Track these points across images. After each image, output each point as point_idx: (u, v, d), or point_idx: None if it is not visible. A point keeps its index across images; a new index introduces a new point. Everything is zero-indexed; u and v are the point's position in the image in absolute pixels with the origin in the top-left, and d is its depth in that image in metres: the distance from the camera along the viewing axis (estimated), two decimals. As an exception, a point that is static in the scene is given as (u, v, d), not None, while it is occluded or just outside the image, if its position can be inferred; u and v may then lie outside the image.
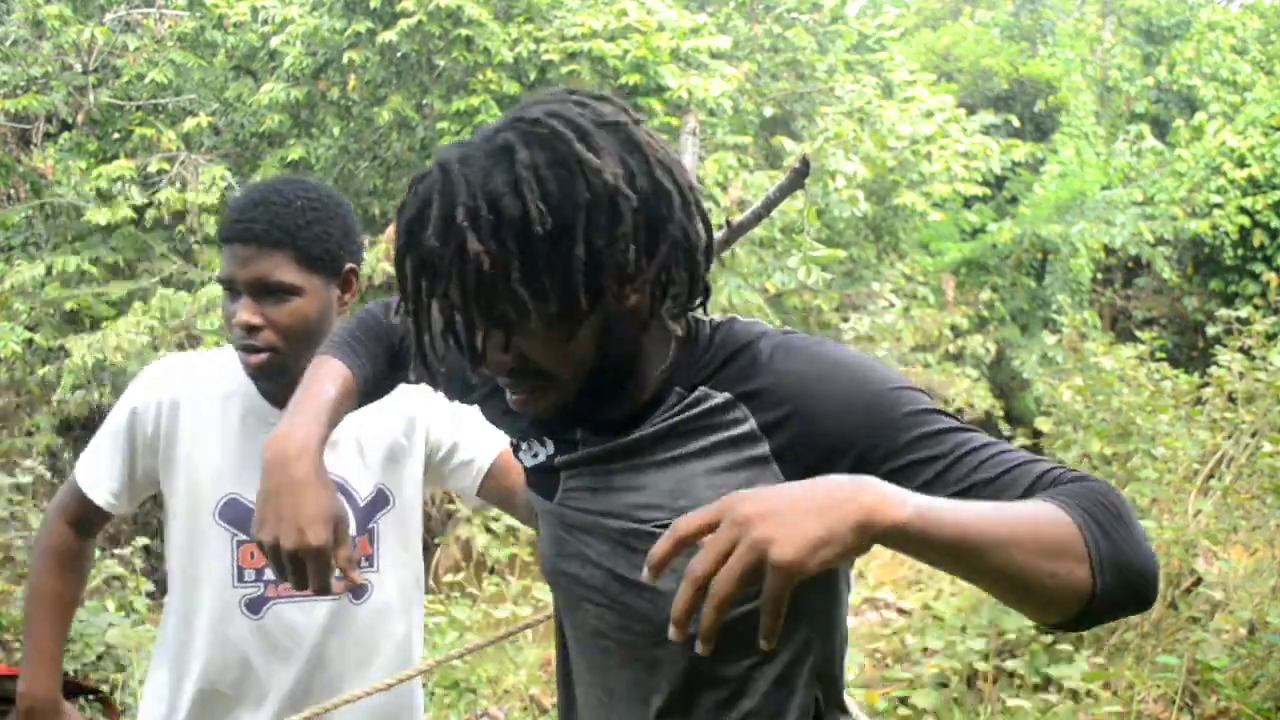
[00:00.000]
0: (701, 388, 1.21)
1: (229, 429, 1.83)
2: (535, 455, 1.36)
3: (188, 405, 1.83)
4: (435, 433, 1.93)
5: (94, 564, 2.14)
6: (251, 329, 1.71)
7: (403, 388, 1.81)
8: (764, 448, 1.17)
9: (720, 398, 1.20)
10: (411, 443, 1.91)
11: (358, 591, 1.87)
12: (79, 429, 8.71)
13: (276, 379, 1.76)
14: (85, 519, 1.90)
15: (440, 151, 1.16)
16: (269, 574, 1.80)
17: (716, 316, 1.28)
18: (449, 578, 5.68)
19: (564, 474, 1.31)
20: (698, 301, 1.22)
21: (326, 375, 1.43)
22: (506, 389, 1.23)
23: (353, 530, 1.83)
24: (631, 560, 1.22)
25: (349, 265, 1.79)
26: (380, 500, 1.89)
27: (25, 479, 4.33)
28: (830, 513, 0.95)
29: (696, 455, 1.20)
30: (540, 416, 1.25)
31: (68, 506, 1.90)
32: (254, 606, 1.83)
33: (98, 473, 1.87)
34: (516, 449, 1.41)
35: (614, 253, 1.11)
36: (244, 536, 1.81)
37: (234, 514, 1.82)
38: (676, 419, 1.21)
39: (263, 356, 1.73)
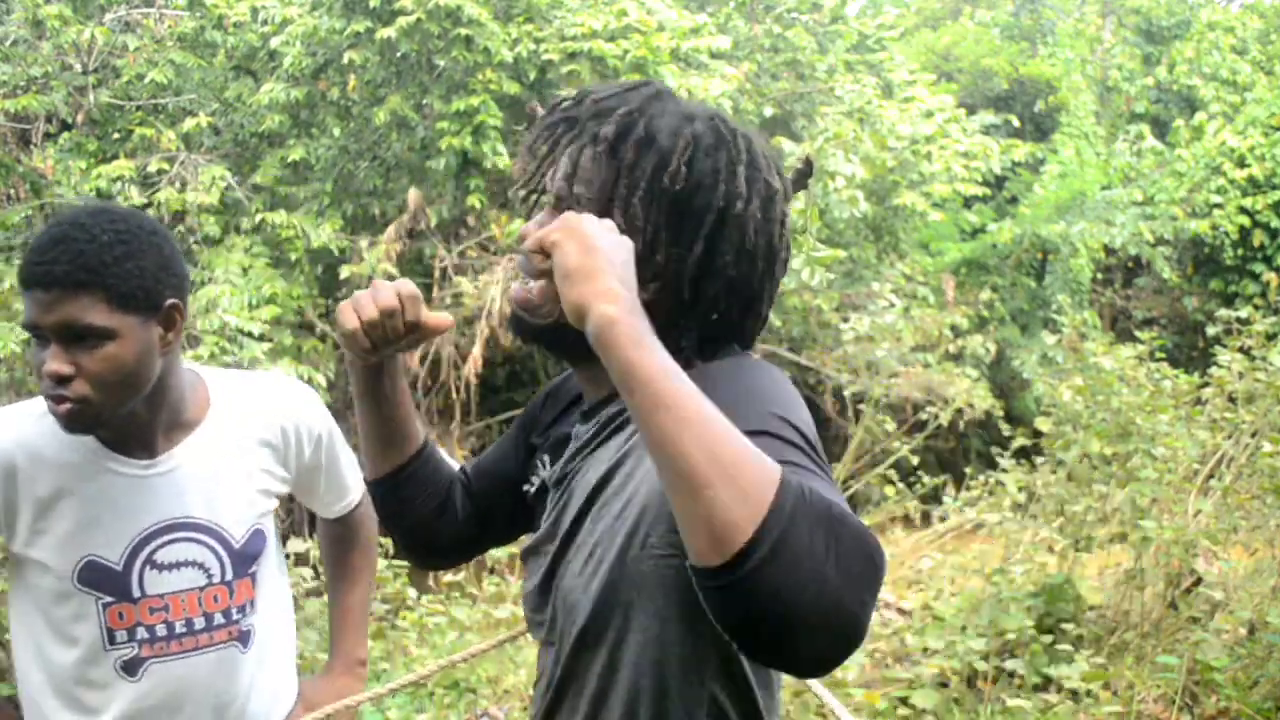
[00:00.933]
0: None
1: (74, 487, 1.67)
2: (532, 483, 1.41)
3: (24, 470, 1.66)
4: (307, 456, 1.86)
5: None
6: (61, 379, 1.55)
7: (264, 410, 1.82)
8: None
9: None
10: (282, 466, 1.83)
11: (244, 640, 1.77)
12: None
13: (90, 429, 1.62)
14: None
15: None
16: (141, 634, 1.70)
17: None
18: (449, 578, 5.68)
19: (550, 491, 1.34)
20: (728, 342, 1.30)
21: None
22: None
23: (230, 576, 1.75)
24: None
25: (170, 300, 1.62)
26: (259, 540, 1.79)
27: (25, 479, 4.33)
28: (590, 282, 1.05)
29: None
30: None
31: None
32: (130, 668, 1.71)
33: None
34: (525, 489, 1.44)
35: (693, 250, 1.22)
36: (108, 598, 1.68)
37: (93, 575, 1.67)
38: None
39: (69, 407, 1.57)
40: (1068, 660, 4.15)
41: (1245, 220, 12.88)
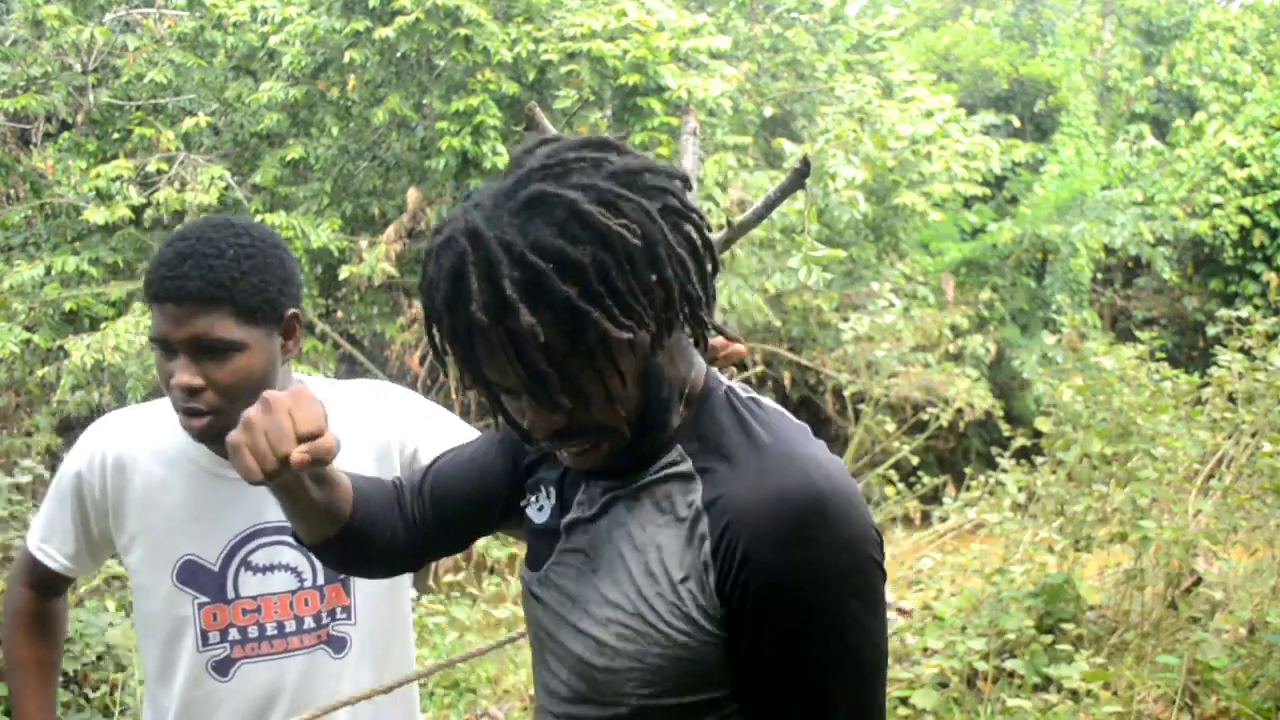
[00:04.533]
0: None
1: (178, 488, 1.73)
2: (541, 509, 1.34)
3: (133, 465, 1.74)
4: (410, 452, 1.83)
5: (67, 619, 2.01)
6: (193, 391, 1.60)
7: (373, 415, 1.79)
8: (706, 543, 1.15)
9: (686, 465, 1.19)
10: (387, 472, 1.79)
11: (336, 645, 1.77)
12: (78, 429, 8.71)
13: (221, 439, 1.56)
14: (46, 582, 1.84)
15: (455, 217, 1.11)
16: (233, 634, 1.74)
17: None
18: (449, 578, 5.68)
19: (563, 536, 1.28)
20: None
21: None
22: (558, 450, 1.19)
23: (321, 581, 1.76)
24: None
25: (290, 311, 1.67)
26: None
27: (25, 479, 4.32)
28: None
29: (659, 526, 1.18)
30: (596, 467, 1.21)
31: (27, 572, 1.83)
32: (221, 669, 1.74)
33: (50, 538, 1.80)
34: (525, 504, 1.38)
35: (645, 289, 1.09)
36: (204, 599, 1.73)
37: (191, 576, 1.73)
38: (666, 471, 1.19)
39: (205, 420, 1.61)
40: (1068, 660, 4.15)
41: (1245, 220, 12.89)
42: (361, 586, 1.79)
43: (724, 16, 11.84)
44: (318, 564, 1.76)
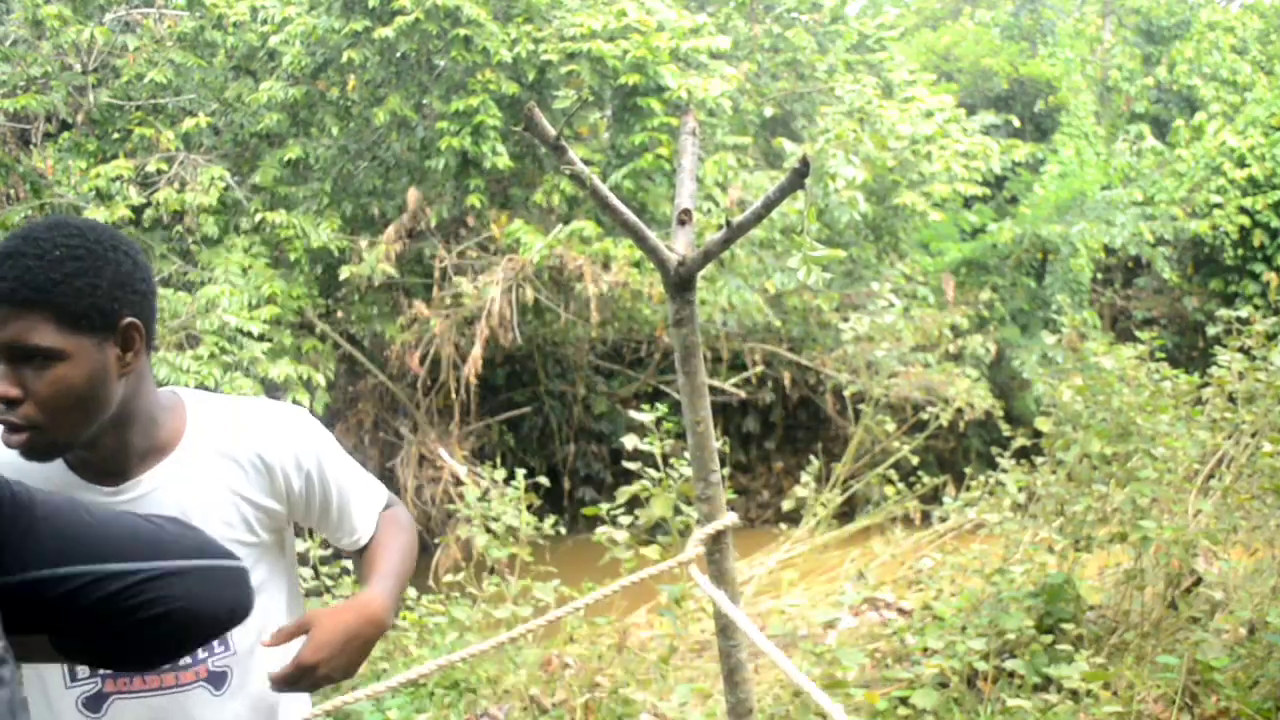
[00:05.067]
0: None
1: None
2: None
3: None
4: (297, 487, 1.73)
5: None
6: (10, 402, 1.46)
7: (245, 435, 1.69)
8: None
9: None
10: (269, 496, 1.71)
11: (215, 681, 1.67)
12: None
13: (48, 456, 1.53)
14: None
15: None
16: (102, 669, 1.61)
17: None
18: (449, 578, 5.68)
19: None
20: None
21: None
22: None
23: None
24: None
25: (127, 319, 1.52)
26: None
27: (25, 479, 4.32)
28: None
29: None
30: None
31: None
32: (92, 704, 1.62)
33: None
34: None
35: None
36: None
37: None
38: None
39: (24, 436, 1.48)
40: (1068, 660, 4.14)
41: (1245, 220, 12.89)
42: (251, 617, 1.62)
43: (724, 16, 11.84)
44: None
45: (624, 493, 4.96)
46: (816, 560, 7.58)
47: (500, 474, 5.68)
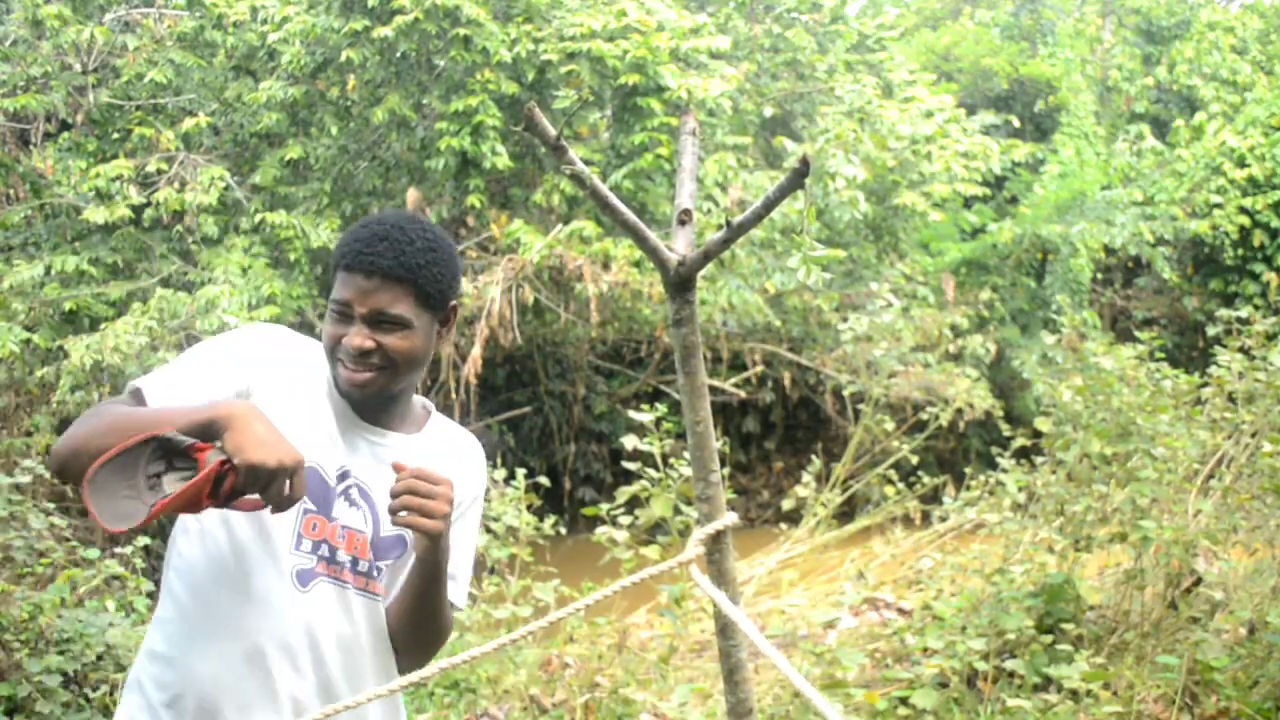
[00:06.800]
0: None
1: (324, 407, 1.84)
2: None
3: (291, 366, 1.84)
4: (463, 507, 1.95)
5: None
6: (365, 353, 1.77)
7: (465, 450, 2.01)
8: None
9: None
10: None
11: (374, 596, 1.87)
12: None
13: (375, 399, 1.83)
14: None
15: None
16: (324, 550, 1.82)
17: None
18: (449, 578, 5.68)
19: None
20: None
21: None
22: None
23: (374, 535, 1.86)
24: None
25: (453, 303, 1.89)
26: (398, 544, 1.88)
27: (24, 479, 4.31)
28: None
29: None
30: None
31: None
32: (303, 579, 1.80)
33: (170, 390, 1.74)
34: None
35: None
36: (311, 507, 1.81)
37: (310, 480, 1.78)
38: None
39: (369, 375, 1.78)
40: (1068, 660, 4.14)
41: (1245, 220, 12.89)
42: (390, 572, 1.90)
43: (724, 16, 11.84)
44: (375, 532, 1.86)
45: (624, 493, 4.96)
46: (816, 560, 7.59)
47: (500, 474, 5.69)
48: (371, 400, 1.83)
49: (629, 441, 5.08)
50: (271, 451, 1.55)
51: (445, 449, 1.94)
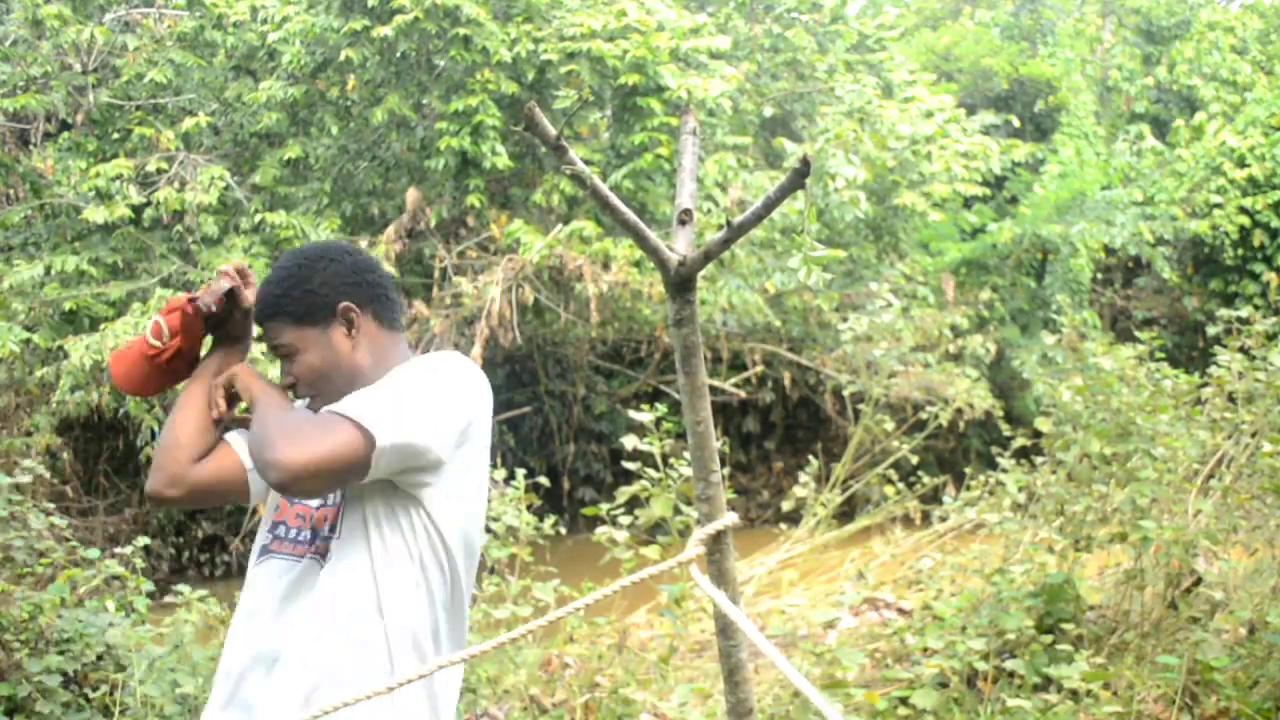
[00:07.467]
0: None
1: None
2: None
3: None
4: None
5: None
6: (290, 386, 1.99)
7: None
8: None
9: None
10: None
11: (323, 556, 1.91)
12: (78, 429, 8.70)
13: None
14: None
15: None
16: (281, 530, 2.00)
17: None
18: (449, 578, 5.68)
19: None
20: None
21: None
22: None
23: (336, 500, 1.94)
24: None
25: (343, 304, 1.96)
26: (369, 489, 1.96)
27: (25, 479, 4.31)
28: None
29: None
30: None
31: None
32: (261, 553, 2.02)
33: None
34: None
35: None
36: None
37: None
38: None
39: (309, 399, 2.00)
40: (1068, 660, 4.14)
41: (1245, 220, 12.89)
42: (352, 514, 2.00)
43: (724, 16, 11.84)
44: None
45: (624, 493, 4.96)
46: (816, 560, 7.58)
47: (500, 474, 5.69)
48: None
49: (629, 441, 5.08)
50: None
51: None
